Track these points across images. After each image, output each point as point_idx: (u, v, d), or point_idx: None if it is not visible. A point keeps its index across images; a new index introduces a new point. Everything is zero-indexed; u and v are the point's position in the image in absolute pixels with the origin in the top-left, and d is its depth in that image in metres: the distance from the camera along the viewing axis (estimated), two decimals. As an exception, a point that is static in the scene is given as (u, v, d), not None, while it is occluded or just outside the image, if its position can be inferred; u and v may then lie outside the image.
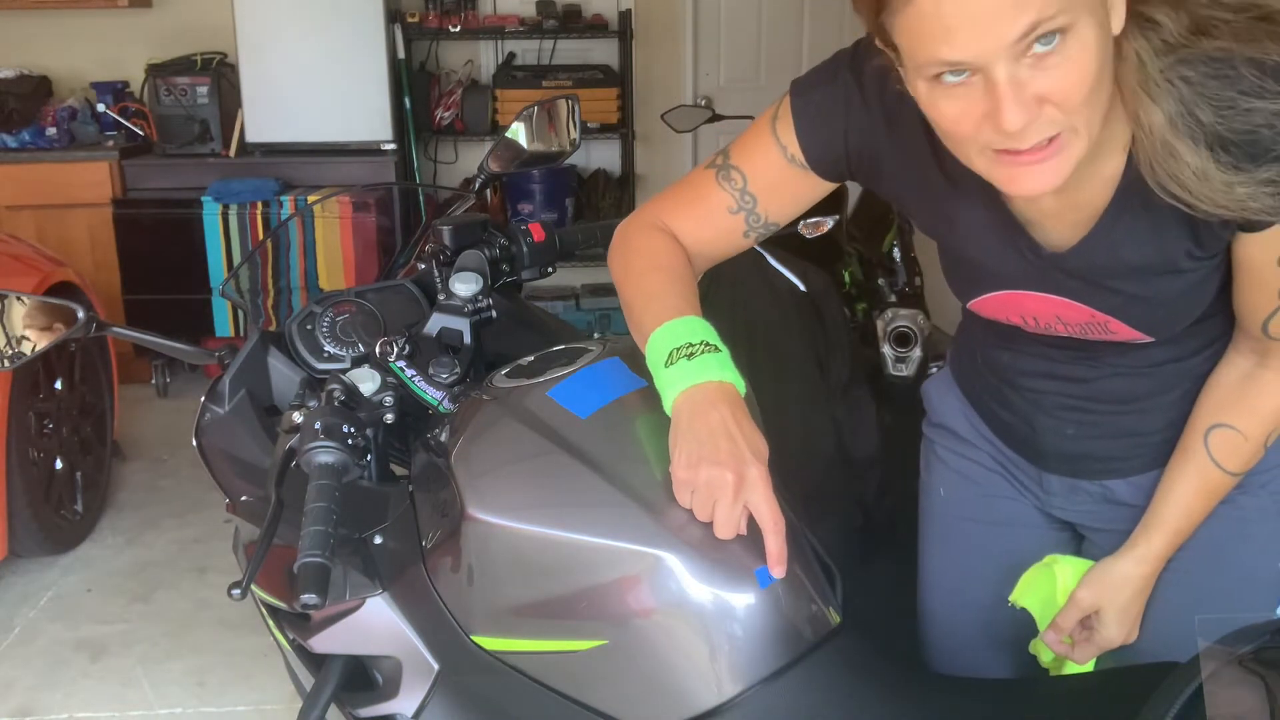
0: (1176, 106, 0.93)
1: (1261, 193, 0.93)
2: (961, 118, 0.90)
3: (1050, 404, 1.26)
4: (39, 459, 3.08)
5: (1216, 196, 0.94)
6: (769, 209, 1.19)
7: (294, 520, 1.00)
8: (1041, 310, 1.15)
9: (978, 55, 0.85)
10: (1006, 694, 1.15)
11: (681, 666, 0.97)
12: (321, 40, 4.41)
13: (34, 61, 4.76)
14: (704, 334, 1.08)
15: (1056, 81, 0.86)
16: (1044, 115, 0.88)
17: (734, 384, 1.05)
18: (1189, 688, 0.74)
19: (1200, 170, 0.93)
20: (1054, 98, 0.87)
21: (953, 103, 0.90)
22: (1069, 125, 0.90)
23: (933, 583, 1.46)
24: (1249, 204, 0.94)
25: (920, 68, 0.89)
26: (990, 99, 0.87)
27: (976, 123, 0.89)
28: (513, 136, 1.66)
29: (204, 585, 3.07)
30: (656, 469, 1.03)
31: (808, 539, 1.06)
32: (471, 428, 1.12)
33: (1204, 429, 1.15)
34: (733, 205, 1.19)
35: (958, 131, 0.92)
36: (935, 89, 0.90)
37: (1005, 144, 0.90)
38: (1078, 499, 1.31)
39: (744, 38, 5.18)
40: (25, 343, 1.34)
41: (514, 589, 1.03)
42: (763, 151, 1.17)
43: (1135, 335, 1.13)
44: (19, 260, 3.17)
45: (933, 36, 0.85)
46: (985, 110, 0.88)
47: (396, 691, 1.10)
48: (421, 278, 1.45)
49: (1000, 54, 0.84)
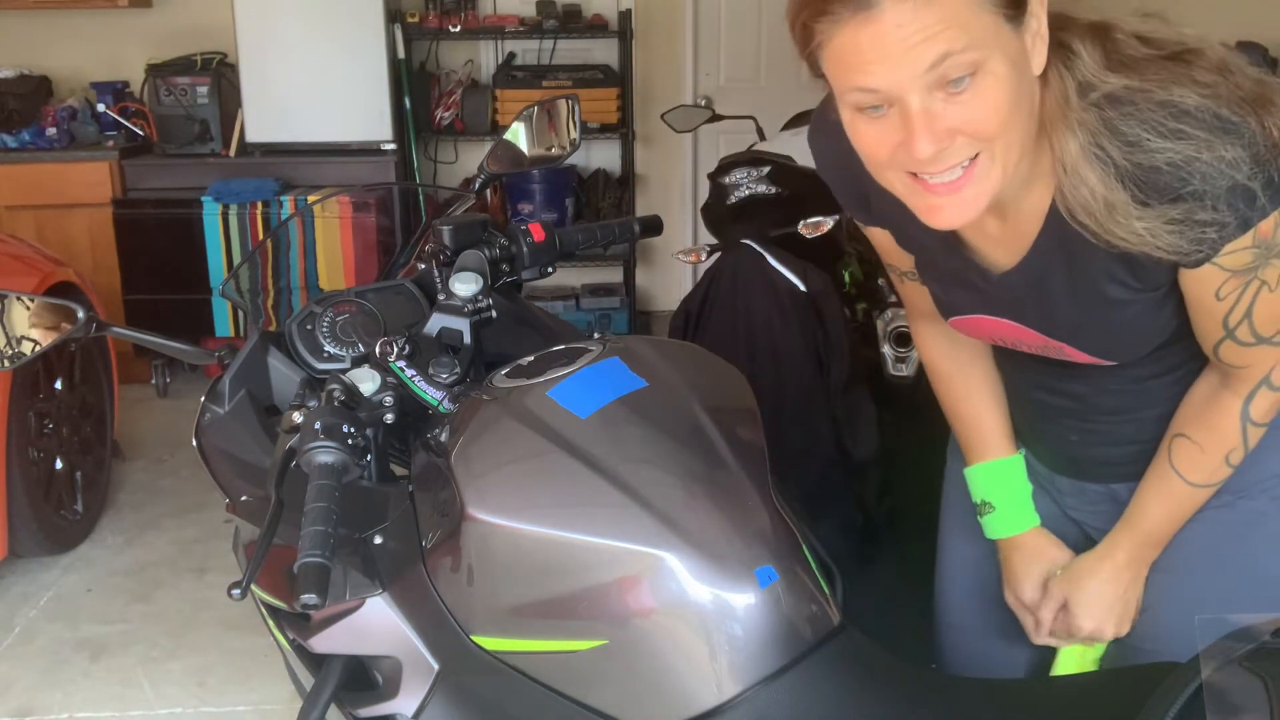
0: (1087, 137, 0.96)
1: (1163, 230, 0.96)
2: (879, 143, 0.95)
3: (1052, 412, 1.29)
4: (39, 459, 3.08)
5: (1119, 230, 0.98)
6: (901, 263, 1.29)
7: (294, 520, 1.00)
8: (1004, 334, 1.19)
9: (892, 85, 0.90)
10: (1007, 694, 1.15)
11: (681, 666, 0.97)
12: (321, 40, 4.41)
13: (34, 61, 4.76)
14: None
15: (968, 115, 0.91)
16: (955, 144, 0.93)
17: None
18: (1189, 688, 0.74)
19: (1107, 201, 0.97)
20: (966, 130, 0.92)
21: (871, 130, 0.95)
22: (986, 151, 0.94)
23: (951, 575, 1.47)
24: (1149, 240, 0.97)
25: (843, 95, 0.95)
26: (905, 129, 0.92)
27: (892, 150, 0.95)
28: (512, 137, 1.66)
29: (204, 585, 3.07)
30: (656, 469, 1.03)
31: (808, 539, 1.06)
32: (471, 428, 1.12)
33: (1170, 437, 1.19)
34: (897, 278, 1.33)
35: (876, 155, 0.97)
36: (857, 117, 0.96)
37: (919, 169, 0.95)
38: (1086, 500, 1.33)
39: (744, 38, 5.18)
40: (25, 343, 1.34)
41: (514, 589, 1.03)
42: (865, 230, 1.28)
43: (1091, 360, 1.15)
44: (19, 260, 3.17)
45: (852, 67, 0.91)
46: (900, 139, 0.93)
47: (396, 691, 1.10)
48: (421, 278, 1.45)
49: (913, 85, 0.89)
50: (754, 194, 2.91)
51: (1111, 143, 0.96)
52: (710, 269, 2.81)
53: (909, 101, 0.90)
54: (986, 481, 1.35)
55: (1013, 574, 1.34)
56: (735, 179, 2.93)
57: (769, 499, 1.05)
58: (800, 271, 2.65)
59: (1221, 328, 1.06)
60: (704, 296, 2.75)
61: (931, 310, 1.30)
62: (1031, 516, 1.34)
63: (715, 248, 2.92)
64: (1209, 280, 1.02)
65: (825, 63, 0.94)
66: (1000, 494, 1.34)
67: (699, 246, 3.03)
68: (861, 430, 2.66)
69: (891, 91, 0.90)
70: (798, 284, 2.64)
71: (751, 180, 2.91)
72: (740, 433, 1.11)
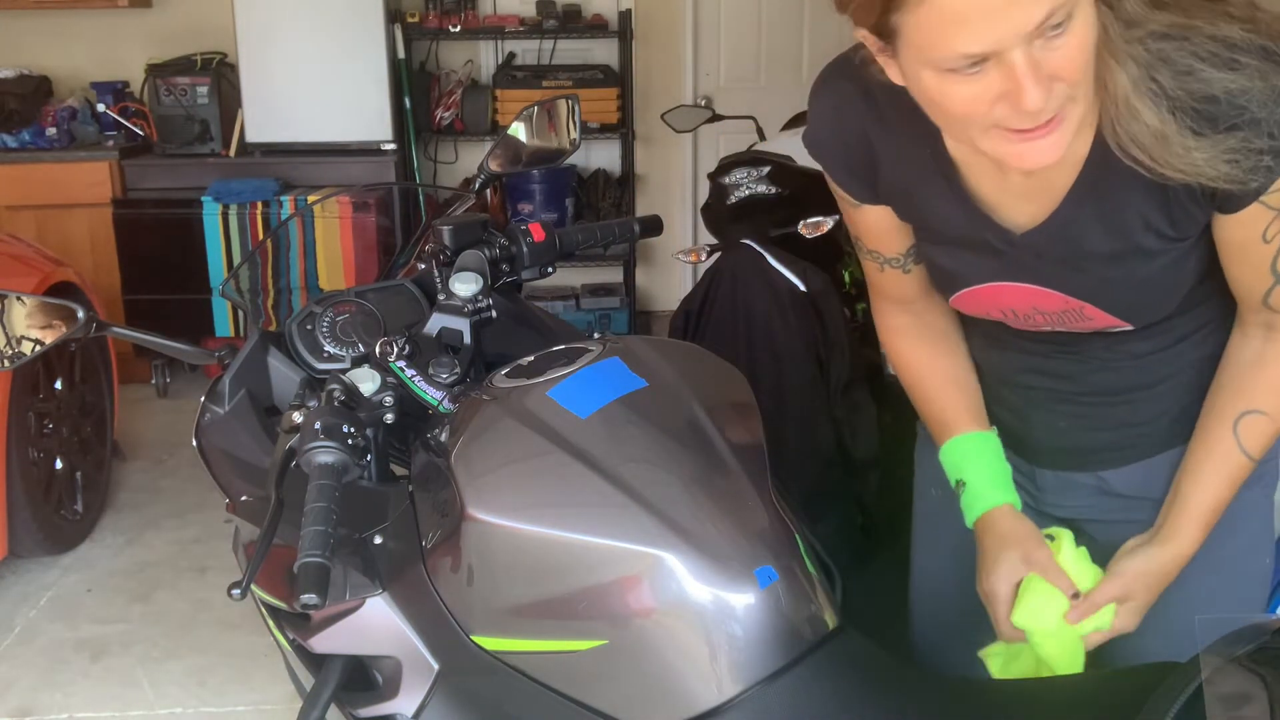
0: (1138, 70, 0.95)
1: (1219, 160, 0.95)
2: (975, 101, 0.92)
3: (1041, 399, 1.27)
4: (39, 459, 3.08)
5: (1175, 161, 0.96)
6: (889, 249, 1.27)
7: (294, 520, 1.00)
8: (1019, 302, 1.16)
9: (996, 44, 0.87)
10: (1007, 694, 1.15)
11: (681, 666, 0.97)
12: (321, 40, 4.41)
13: (34, 61, 4.76)
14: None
15: (1065, 59, 0.89)
16: (1055, 91, 0.91)
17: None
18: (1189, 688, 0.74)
19: (1160, 133, 0.96)
20: (1063, 74, 0.90)
21: (966, 88, 0.91)
22: (1070, 96, 0.93)
23: (922, 583, 1.46)
24: (1205, 170, 0.96)
25: (935, 61, 0.91)
26: (1007, 82, 0.89)
27: (990, 104, 0.92)
28: (513, 136, 1.66)
29: (204, 585, 3.07)
30: (656, 469, 1.03)
31: (808, 539, 1.06)
32: (471, 428, 1.12)
33: (1232, 418, 1.14)
34: (877, 266, 1.30)
35: (971, 114, 0.94)
36: (946, 79, 0.92)
37: (1021, 123, 0.92)
38: (1072, 493, 1.31)
39: (744, 38, 5.18)
40: (25, 343, 1.34)
41: (514, 589, 1.03)
42: (845, 211, 1.26)
43: (1113, 322, 1.14)
44: (19, 260, 3.17)
45: (951, 31, 0.87)
46: (999, 92, 0.90)
47: (396, 691, 1.10)
48: (421, 278, 1.45)
49: (1019, 39, 0.87)
50: (754, 194, 2.91)
51: (1164, 74, 0.95)
52: (710, 269, 2.81)
53: (1013, 55, 0.87)
54: (957, 458, 1.28)
55: (985, 560, 1.24)
56: (735, 179, 2.93)
57: (769, 499, 1.05)
58: (800, 271, 2.65)
59: (1271, 274, 1.04)
60: (704, 296, 2.76)
61: (902, 295, 1.28)
62: (1007, 492, 1.26)
63: (715, 248, 2.92)
64: (1255, 222, 1.01)
65: (913, 27, 0.90)
66: (972, 469, 1.27)
67: (699, 246, 3.03)
68: (861, 430, 2.66)
69: (997, 49, 0.87)
70: (798, 284, 2.64)
71: (751, 180, 2.91)
72: (740, 433, 1.11)
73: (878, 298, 1.35)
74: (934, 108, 0.97)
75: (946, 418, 1.30)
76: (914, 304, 1.32)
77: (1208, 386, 1.21)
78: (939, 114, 0.98)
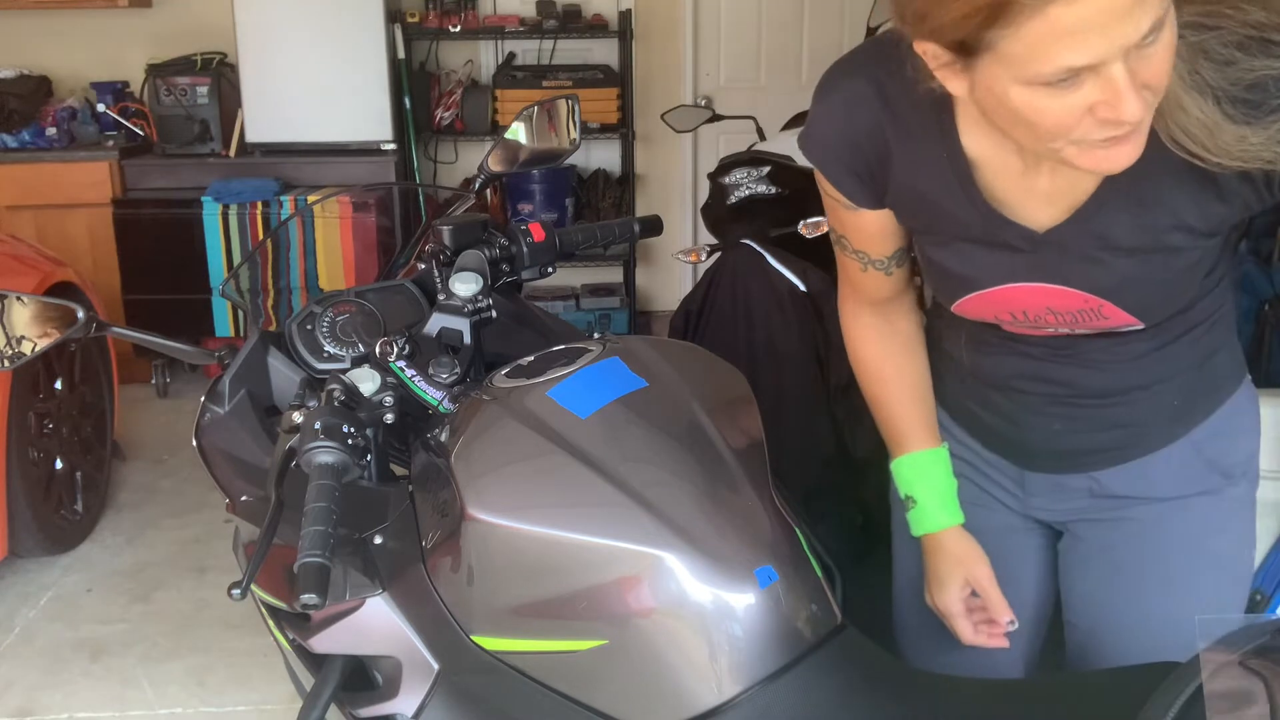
0: (1182, 65, 0.95)
1: (1274, 141, 0.95)
2: (1068, 113, 0.91)
3: (1036, 403, 1.26)
4: (39, 459, 3.08)
5: (1230, 148, 0.96)
6: (876, 250, 1.26)
7: (294, 520, 1.00)
8: (1032, 303, 1.15)
9: (1103, 56, 0.86)
10: (1006, 694, 1.15)
11: (681, 666, 0.97)
12: (321, 40, 4.41)
13: (34, 61, 4.76)
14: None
15: (1155, 67, 0.89)
16: (1145, 101, 0.90)
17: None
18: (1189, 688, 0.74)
19: (1209, 123, 0.95)
20: (1153, 83, 0.90)
21: (1060, 101, 0.90)
22: (1154, 103, 0.92)
23: (904, 590, 1.45)
24: (1262, 154, 0.95)
25: (1032, 75, 0.89)
26: (1105, 93, 0.88)
27: (1082, 116, 0.91)
28: (513, 136, 1.66)
29: (204, 585, 3.07)
30: (656, 469, 1.03)
31: (808, 539, 1.06)
32: (471, 428, 1.12)
33: None
34: (860, 266, 1.29)
35: (1063, 126, 0.92)
36: (1038, 93, 0.90)
37: (1112, 133, 0.92)
38: (1062, 495, 1.31)
39: (744, 38, 5.18)
40: (25, 343, 1.34)
41: (514, 589, 1.03)
42: (832, 209, 1.26)
43: (1128, 320, 1.13)
44: (19, 260, 3.17)
45: (1060, 45, 0.86)
46: (1093, 103, 0.89)
47: (396, 691, 1.10)
48: (421, 278, 1.45)
49: (1121, 51, 0.86)
50: (754, 194, 2.91)
51: (1206, 67, 0.95)
52: (710, 269, 2.81)
53: (1114, 68, 0.86)
54: (910, 474, 1.33)
55: (935, 577, 1.32)
56: (735, 179, 2.93)
57: (769, 499, 1.05)
58: (800, 271, 2.65)
59: None
60: (704, 296, 2.76)
61: (879, 296, 1.29)
62: (955, 514, 1.31)
63: (715, 248, 2.92)
64: None
65: (1010, 43, 0.87)
66: (923, 488, 1.32)
67: (699, 246, 3.03)
68: (861, 430, 2.66)
69: (1100, 61, 0.86)
70: (798, 284, 2.64)
71: (751, 180, 2.91)
72: (740, 433, 1.11)
73: (851, 297, 1.34)
74: (1020, 122, 0.95)
75: (902, 430, 1.33)
76: (886, 306, 1.32)
77: (1204, 383, 1.21)
78: (1025, 128, 0.96)
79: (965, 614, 1.30)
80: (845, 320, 1.37)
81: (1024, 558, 1.37)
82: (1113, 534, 1.27)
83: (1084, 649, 1.32)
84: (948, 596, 1.30)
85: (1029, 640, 1.39)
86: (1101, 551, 1.29)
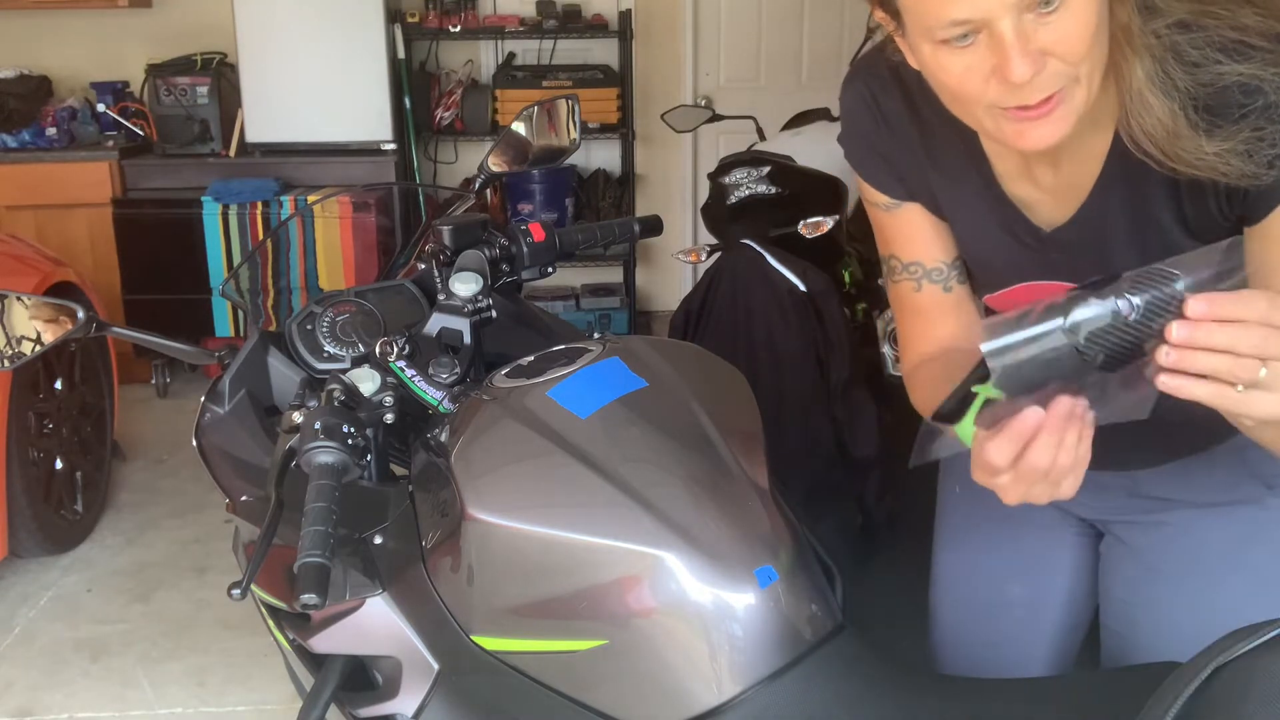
0: (1153, 64, 0.94)
1: (1232, 154, 0.93)
2: (968, 75, 0.92)
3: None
4: (39, 459, 3.08)
5: (1186, 155, 0.95)
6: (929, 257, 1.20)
7: (294, 520, 1.00)
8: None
9: (987, 11, 0.87)
10: (1006, 694, 1.15)
11: (681, 666, 0.97)
12: (321, 40, 4.41)
13: (34, 61, 4.76)
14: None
15: (1059, 35, 0.88)
16: (1048, 69, 0.90)
17: None
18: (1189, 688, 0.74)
19: (1171, 127, 0.94)
20: (1057, 50, 0.89)
21: (958, 61, 0.91)
22: (1071, 76, 0.91)
23: (944, 580, 1.45)
24: (1218, 165, 0.94)
25: (928, 30, 0.91)
26: (996, 54, 0.89)
27: (984, 79, 0.91)
28: (512, 136, 1.66)
29: (204, 585, 3.07)
30: (656, 469, 1.03)
31: (808, 539, 1.06)
32: (471, 428, 1.12)
33: None
34: (914, 286, 1.20)
35: (965, 90, 0.93)
36: (941, 50, 0.92)
37: (1013, 100, 0.91)
38: (1100, 493, 1.28)
39: (744, 38, 5.18)
40: (25, 343, 1.34)
41: (514, 589, 1.03)
42: (879, 222, 1.20)
43: None
44: (19, 260, 3.17)
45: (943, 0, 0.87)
46: (992, 66, 0.90)
47: (396, 691, 1.10)
48: (421, 278, 1.45)
49: (1006, 9, 0.86)
50: (754, 194, 2.91)
51: (1176, 68, 0.94)
52: (710, 269, 2.81)
53: (1001, 25, 0.87)
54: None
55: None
56: (735, 179, 2.93)
57: (769, 499, 1.05)
58: (800, 271, 2.65)
59: None
60: (704, 296, 2.76)
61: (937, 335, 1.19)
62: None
63: (715, 248, 2.92)
64: None
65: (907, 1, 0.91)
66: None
67: (699, 246, 3.03)
68: (861, 430, 2.66)
69: (985, 17, 0.87)
70: (798, 284, 2.64)
71: (751, 180, 2.91)
72: (740, 433, 1.11)
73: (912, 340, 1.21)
74: (935, 84, 0.97)
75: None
76: (950, 356, 1.18)
77: None
78: (941, 90, 0.97)
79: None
80: (909, 384, 1.22)
81: (1060, 553, 1.36)
82: (1149, 538, 1.26)
83: (1118, 653, 1.31)
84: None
85: (1061, 640, 1.39)
86: (1137, 555, 1.28)
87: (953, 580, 1.43)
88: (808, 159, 2.98)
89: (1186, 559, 1.22)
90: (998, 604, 1.34)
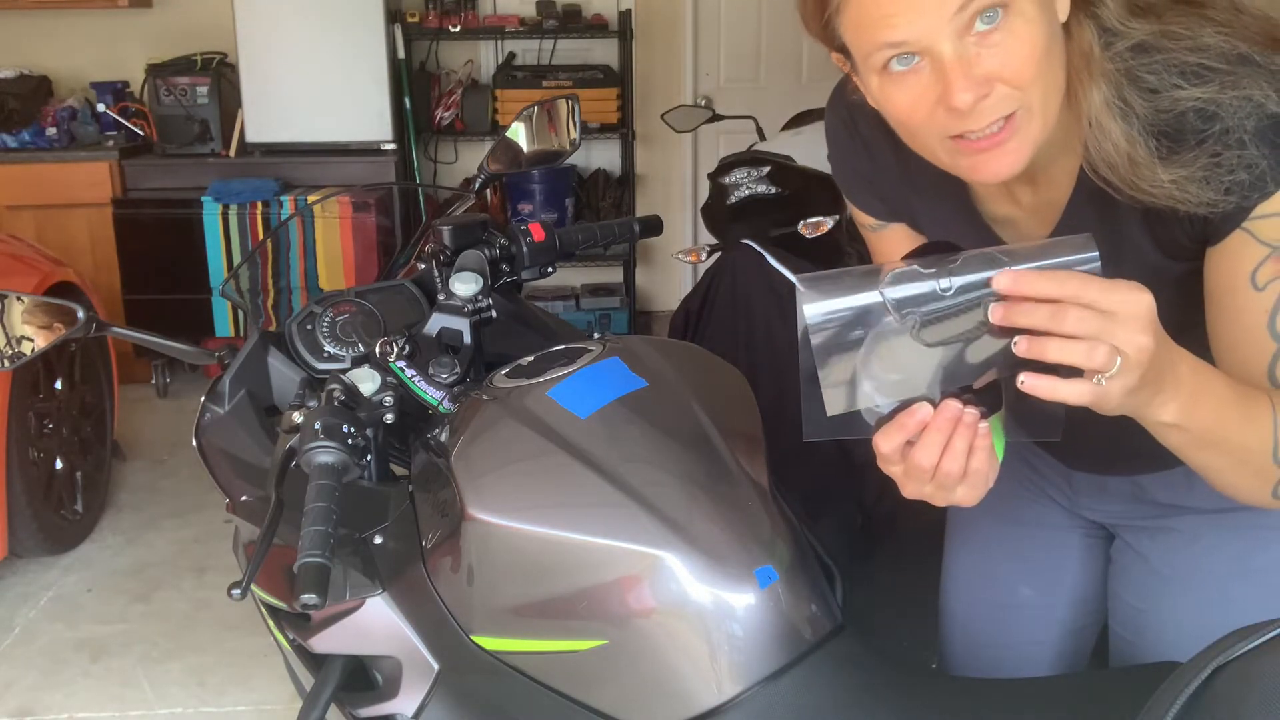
0: (1111, 90, 0.93)
1: (1190, 181, 0.91)
2: (914, 105, 0.90)
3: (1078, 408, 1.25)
4: (39, 459, 3.08)
5: (1145, 183, 0.93)
6: None
7: (294, 520, 1.00)
8: None
9: (921, 34, 0.86)
10: (1007, 694, 1.15)
11: (681, 666, 0.97)
12: (321, 40, 4.41)
13: (34, 61, 4.76)
14: None
15: (1003, 58, 0.87)
16: (995, 93, 0.88)
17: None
18: (1189, 688, 0.74)
19: (1131, 156, 0.93)
20: (1003, 75, 0.87)
21: (904, 91, 0.90)
22: (1023, 104, 0.90)
23: (955, 581, 1.45)
24: (1176, 193, 0.92)
25: (869, 58, 0.90)
26: (940, 81, 0.87)
27: (930, 109, 0.90)
28: (512, 136, 1.66)
29: (204, 585, 3.07)
30: (656, 469, 1.03)
31: (808, 539, 1.06)
32: (471, 428, 1.12)
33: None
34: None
35: (912, 120, 0.92)
36: (886, 80, 0.91)
37: (960, 126, 0.90)
38: (1107, 497, 1.30)
39: (744, 38, 5.18)
40: (25, 343, 1.34)
41: (514, 589, 1.03)
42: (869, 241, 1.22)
43: None
44: (19, 260, 3.17)
45: (875, 23, 0.87)
46: (937, 95, 0.88)
47: (396, 691, 1.10)
48: (421, 278, 1.45)
49: (943, 31, 0.85)
50: (754, 194, 2.91)
51: (1133, 94, 0.92)
52: (710, 269, 2.81)
53: (941, 49, 0.86)
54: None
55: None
56: (735, 179, 2.93)
57: (769, 499, 1.05)
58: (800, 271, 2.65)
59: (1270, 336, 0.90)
60: (704, 296, 2.76)
61: None
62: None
63: (715, 248, 2.92)
64: (1240, 257, 0.92)
65: (846, 29, 0.90)
66: None
67: (699, 246, 3.03)
68: (861, 430, 2.66)
69: (921, 41, 0.86)
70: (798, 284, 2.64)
71: (751, 180, 2.91)
72: (740, 433, 1.11)
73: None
74: (888, 118, 0.95)
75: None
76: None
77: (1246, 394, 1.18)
78: (895, 125, 0.96)
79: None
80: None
81: (1066, 554, 1.36)
82: (1157, 543, 1.26)
83: (1125, 657, 1.31)
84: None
85: (1071, 643, 1.39)
86: (1145, 560, 1.28)
87: (965, 582, 1.43)
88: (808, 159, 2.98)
89: (1194, 566, 1.22)
90: (1009, 605, 1.34)
